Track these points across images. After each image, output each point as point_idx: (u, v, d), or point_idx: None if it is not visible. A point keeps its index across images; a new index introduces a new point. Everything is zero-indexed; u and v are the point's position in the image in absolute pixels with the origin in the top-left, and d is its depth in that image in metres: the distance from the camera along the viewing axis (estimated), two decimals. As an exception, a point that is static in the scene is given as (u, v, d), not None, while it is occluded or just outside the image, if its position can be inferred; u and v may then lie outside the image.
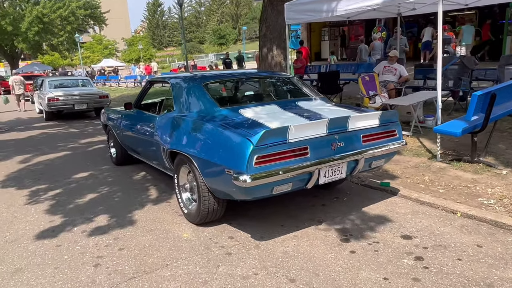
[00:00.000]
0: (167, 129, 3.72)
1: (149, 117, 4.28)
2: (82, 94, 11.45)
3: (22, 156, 6.77)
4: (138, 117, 4.62)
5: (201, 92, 3.55)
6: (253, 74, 4.16)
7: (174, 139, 3.51)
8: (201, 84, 3.65)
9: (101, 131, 9.13)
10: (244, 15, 71.03)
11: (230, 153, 2.76)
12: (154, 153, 4.14)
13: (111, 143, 5.85)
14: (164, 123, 3.83)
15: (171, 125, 3.65)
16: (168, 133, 3.66)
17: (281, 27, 8.88)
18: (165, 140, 3.70)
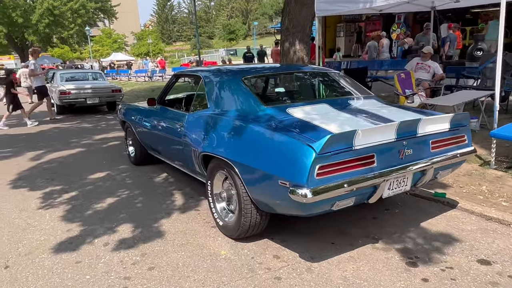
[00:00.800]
0: (199, 129, 3.29)
1: (177, 115, 3.85)
2: (94, 87, 11.07)
3: (33, 153, 6.40)
4: (163, 115, 4.20)
5: (240, 88, 3.11)
6: (295, 68, 3.68)
7: (209, 141, 3.08)
8: (240, 79, 3.21)
9: (115, 127, 8.76)
10: (254, 10, 70.39)
11: (285, 161, 2.32)
12: (182, 155, 3.72)
13: (130, 141, 5.44)
14: (196, 122, 3.40)
15: (205, 125, 3.22)
16: (201, 134, 3.23)
17: (304, 21, 8.41)
18: (197, 142, 3.28)
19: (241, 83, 3.15)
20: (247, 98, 3.00)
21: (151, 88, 19.17)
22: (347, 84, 3.58)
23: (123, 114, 5.40)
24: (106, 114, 11.38)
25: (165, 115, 4.15)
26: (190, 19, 79.97)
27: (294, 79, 3.55)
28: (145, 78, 27.32)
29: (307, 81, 3.60)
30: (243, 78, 3.21)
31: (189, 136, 3.46)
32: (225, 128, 2.93)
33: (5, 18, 31.09)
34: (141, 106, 5.02)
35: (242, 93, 3.05)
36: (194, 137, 3.37)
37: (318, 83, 3.45)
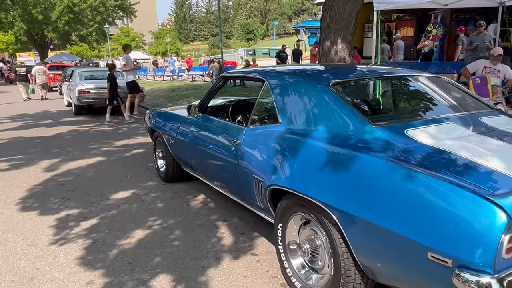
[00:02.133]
0: (266, 151, 2.42)
1: (229, 128, 2.99)
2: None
3: (48, 161, 5.64)
4: (207, 126, 3.35)
5: (331, 97, 2.21)
6: (397, 71, 2.72)
7: (283, 171, 2.21)
8: (328, 84, 2.31)
9: (137, 131, 7.99)
10: (273, 10, 69.42)
11: (447, 226, 1.42)
12: (234, 181, 2.87)
13: (159, 153, 4.62)
14: (259, 141, 2.53)
15: (276, 147, 2.34)
16: (269, 159, 2.36)
17: (349, 17, 7.48)
18: (263, 168, 2.41)
19: (331, 90, 2.26)
20: (344, 112, 2.10)
21: (171, 87, 18.48)
22: (462, 94, 2.65)
23: (153, 121, 4.57)
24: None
25: (210, 127, 3.30)
26: (207, 18, 79.55)
27: (398, 86, 2.63)
28: (163, 77, 26.72)
29: (412, 89, 2.68)
30: (332, 83, 2.32)
31: (248, 158, 2.59)
32: (315, 155, 2.05)
33: (26, 15, 30.95)
34: (176, 112, 4.18)
35: (336, 105, 2.15)
36: (256, 161, 2.50)
37: (429, 92, 2.53)
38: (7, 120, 10.40)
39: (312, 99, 2.29)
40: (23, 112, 11.69)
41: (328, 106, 2.19)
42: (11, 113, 11.73)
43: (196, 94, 14.62)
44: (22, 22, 31.21)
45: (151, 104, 12.20)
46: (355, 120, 2.05)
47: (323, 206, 1.92)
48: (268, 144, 2.44)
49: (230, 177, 2.95)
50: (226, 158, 2.91)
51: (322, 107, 2.22)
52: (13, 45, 40.94)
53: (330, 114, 2.15)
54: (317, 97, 2.27)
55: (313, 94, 2.30)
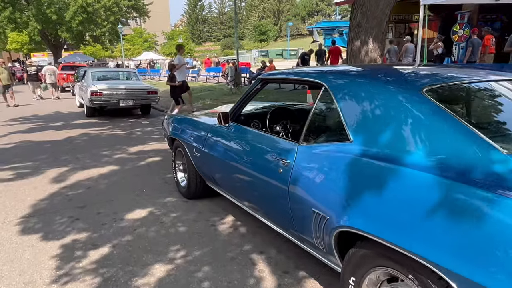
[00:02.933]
0: (334, 180, 1.83)
1: (275, 144, 2.40)
2: (128, 88, 9.87)
3: (56, 170, 5.13)
4: (242, 139, 2.77)
5: (437, 110, 1.59)
6: (503, 73, 2.07)
7: (364, 211, 1.62)
8: (420, 90, 1.71)
9: (152, 135, 7.46)
10: (287, 11, 68.80)
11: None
12: (280, 210, 2.29)
13: (180, 165, 4.06)
14: (322, 164, 1.93)
15: (350, 175, 1.74)
16: (338, 191, 1.77)
17: (382, 14, 6.87)
18: (328, 202, 1.82)
19: (428, 99, 1.65)
20: (459, 131, 1.49)
21: (185, 89, 17.99)
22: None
23: (173, 129, 4.01)
24: (140, 118, 10.17)
25: (247, 140, 2.72)
26: (220, 19, 79.32)
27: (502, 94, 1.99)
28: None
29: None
30: (427, 89, 1.71)
31: (305, 185, 2.00)
32: (420, 193, 1.44)
33: (40, 15, 30.93)
34: (202, 120, 3.62)
35: (444, 120, 1.54)
36: (317, 190, 1.91)
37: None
38: (17, 121, 10.00)
39: (403, 110, 1.68)
40: (34, 113, 11.29)
41: (431, 122, 1.57)
42: (22, 114, 11.35)
43: (211, 95, 14.10)
44: (36, 22, 31.19)
45: (165, 106, 11.71)
46: (477, 144, 1.43)
47: (435, 269, 1.32)
48: (335, 169, 1.84)
49: (274, 204, 2.36)
50: (269, 181, 2.33)
51: (421, 122, 1.60)
52: (28, 45, 41.14)
53: (436, 133, 1.54)
54: (413, 108, 1.65)
55: (406, 104, 1.69)
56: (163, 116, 10.64)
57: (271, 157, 2.32)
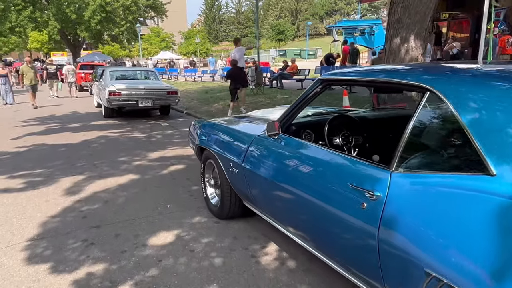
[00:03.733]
0: (468, 235, 1.22)
1: (353, 166, 1.81)
2: (147, 88, 9.39)
3: (71, 179, 4.65)
4: (301, 156, 2.19)
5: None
6: None
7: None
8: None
9: (172, 139, 6.95)
10: (305, 10, 67.90)
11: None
12: (360, 255, 1.70)
13: (211, 179, 3.50)
14: (442, 207, 1.33)
15: (502, 233, 1.14)
16: (475, 252, 1.17)
17: (426, 8, 6.25)
18: (455, 267, 1.22)
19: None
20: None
21: (204, 89, 17.55)
22: None
23: (203, 136, 3.45)
24: (159, 119, 9.70)
25: (306, 158, 2.13)
26: (237, 19, 78.95)
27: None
28: (194, 77, 25.94)
29: None
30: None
31: (409, 232, 1.40)
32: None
33: (59, 14, 31.02)
34: (240, 128, 3.05)
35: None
36: (434, 245, 1.31)
37: None
38: (33, 122, 9.66)
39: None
40: (51, 114, 10.97)
41: None
42: (39, 114, 11.04)
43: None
44: (56, 21, 31.31)
45: (185, 107, 11.23)
46: None
47: None
48: (469, 216, 1.24)
49: (349, 246, 1.78)
50: (344, 217, 1.74)
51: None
52: (48, 45, 41.52)
53: None
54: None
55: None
56: (182, 115, 10.18)
57: (351, 186, 1.73)
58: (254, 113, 3.93)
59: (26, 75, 12.59)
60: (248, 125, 3.08)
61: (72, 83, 16.83)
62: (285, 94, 12.82)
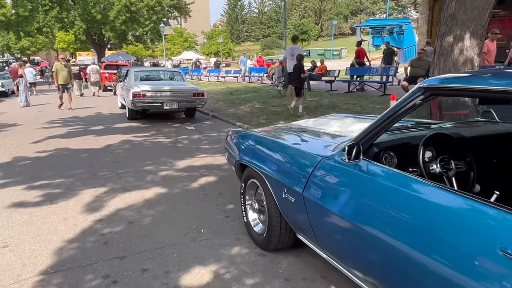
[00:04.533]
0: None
1: (481, 215, 1.21)
2: (173, 90, 8.94)
3: (92, 192, 4.19)
4: (391, 190, 1.60)
5: None
6: None
7: None
8: None
9: (200, 145, 6.46)
10: (329, 10, 66.73)
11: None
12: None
13: (254, 203, 2.93)
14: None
15: None
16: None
17: (485, 3, 5.55)
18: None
19: None
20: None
21: (228, 89, 17.09)
22: None
23: (245, 151, 2.89)
24: (185, 122, 9.24)
25: (406, 197, 1.54)
26: (260, 19, 78.48)
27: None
28: (218, 78, 25.56)
29: None
30: None
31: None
32: None
33: (85, 14, 31.30)
34: (298, 145, 2.46)
35: None
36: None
37: None
38: (57, 123, 9.39)
39: None
40: (74, 115, 10.71)
41: None
42: (63, 115, 10.80)
43: (258, 98, 13.03)
44: (81, 21, 31.62)
45: (210, 109, 10.76)
46: None
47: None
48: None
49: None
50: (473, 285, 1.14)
51: None
52: (74, 44, 42.17)
53: None
54: None
55: None
56: (208, 118, 9.65)
57: (499, 252, 1.13)
58: (304, 123, 3.35)
59: (59, 73, 11.68)
60: (306, 140, 2.51)
61: (96, 82, 16.85)
62: (315, 96, 12.17)
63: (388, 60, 13.69)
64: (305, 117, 8.21)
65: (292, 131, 2.90)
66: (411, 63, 10.58)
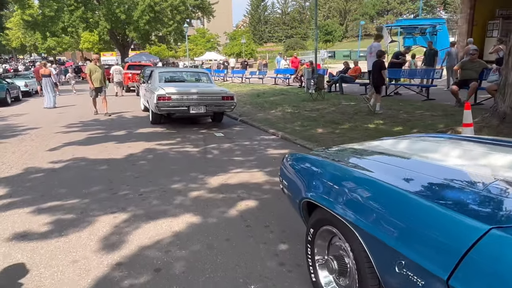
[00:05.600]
0: None
1: None
2: (200, 93, 8.19)
3: (110, 220, 3.45)
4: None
5: None
6: None
7: None
8: None
9: (232, 156, 5.67)
10: (354, 10, 65.17)
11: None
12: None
13: (332, 261, 2.07)
14: None
15: None
16: None
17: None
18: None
19: None
20: None
21: (254, 91, 16.32)
22: None
23: (316, 185, 2.05)
24: (212, 128, 8.50)
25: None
26: (282, 19, 77.56)
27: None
28: (243, 79, 24.84)
29: None
30: None
31: None
32: None
33: (110, 14, 31.23)
34: (430, 197, 1.60)
35: None
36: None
37: None
38: (76, 127, 8.81)
39: None
40: (94, 118, 10.14)
41: None
42: (83, 117, 10.26)
43: (288, 101, 12.19)
44: (106, 21, 31.58)
45: (238, 113, 9.98)
46: None
47: None
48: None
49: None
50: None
51: None
52: (98, 45, 42.42)
53: None
54: None
55: None
56: (237, 123, 8.71)
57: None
58: (391, 146, 2.47)
59: (93, 75, 10.52)
60: (435, 186, 1.65)
61: (119, 83, 16.81)
62: (351, 101, 11.21)
63: (429, 62, 12.61)
64: (376, 118, 7.33)
65: (392, 162, 2.03)
66: (463, 65, 9.50)
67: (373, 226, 1.62)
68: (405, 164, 1.96)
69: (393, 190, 1.62)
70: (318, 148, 2.91)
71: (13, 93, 15.79)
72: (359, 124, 7.65)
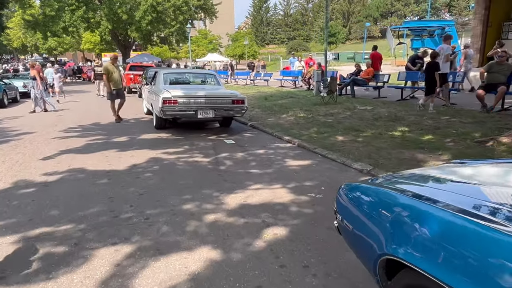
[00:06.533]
0: None
1: None
2: (209, 96, 7.54)
3: (111, 254, 2.80)
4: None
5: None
6: None
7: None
8: None
9: (247, 168, 5.03)
10: (357, 12, 64.56)
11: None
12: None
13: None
14: None
15: None
16: None
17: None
18: None
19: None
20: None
21: (261, 94, 15.67)
22: None
23: (402, 237, 1.40)
24: (221, 134, 7.86)
25: None
26: (285, 21, 77.03)
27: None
28: (247, 80, 24.20)
29: None
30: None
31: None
32: None
33: (111, 14, 30.62)
34: None
35: None
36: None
37: None
38: (74, 131, 8.18)
39: None
40: (94, 122, 9.50)
41: None
42: (82, 121, 9.62)
43: (298, 104, 11.55)
44: (107, 21, 30.96)
45: (247, 118, 9.33)
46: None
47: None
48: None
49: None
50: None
51: None
52: (99, 45, 41.81)
53: None
54: None
55: None
56: (247, 128, 7.94)
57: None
58: (470, 178, 1.82)
59: (111, 76, 9.35)
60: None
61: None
62: (367, 105, 10.55)
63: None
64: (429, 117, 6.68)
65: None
66: (489, 67, 8.84)
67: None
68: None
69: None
70: (384, 175, 2.25)
71: (10, 94, 15.18)
72: (383, 131, 7.00)
